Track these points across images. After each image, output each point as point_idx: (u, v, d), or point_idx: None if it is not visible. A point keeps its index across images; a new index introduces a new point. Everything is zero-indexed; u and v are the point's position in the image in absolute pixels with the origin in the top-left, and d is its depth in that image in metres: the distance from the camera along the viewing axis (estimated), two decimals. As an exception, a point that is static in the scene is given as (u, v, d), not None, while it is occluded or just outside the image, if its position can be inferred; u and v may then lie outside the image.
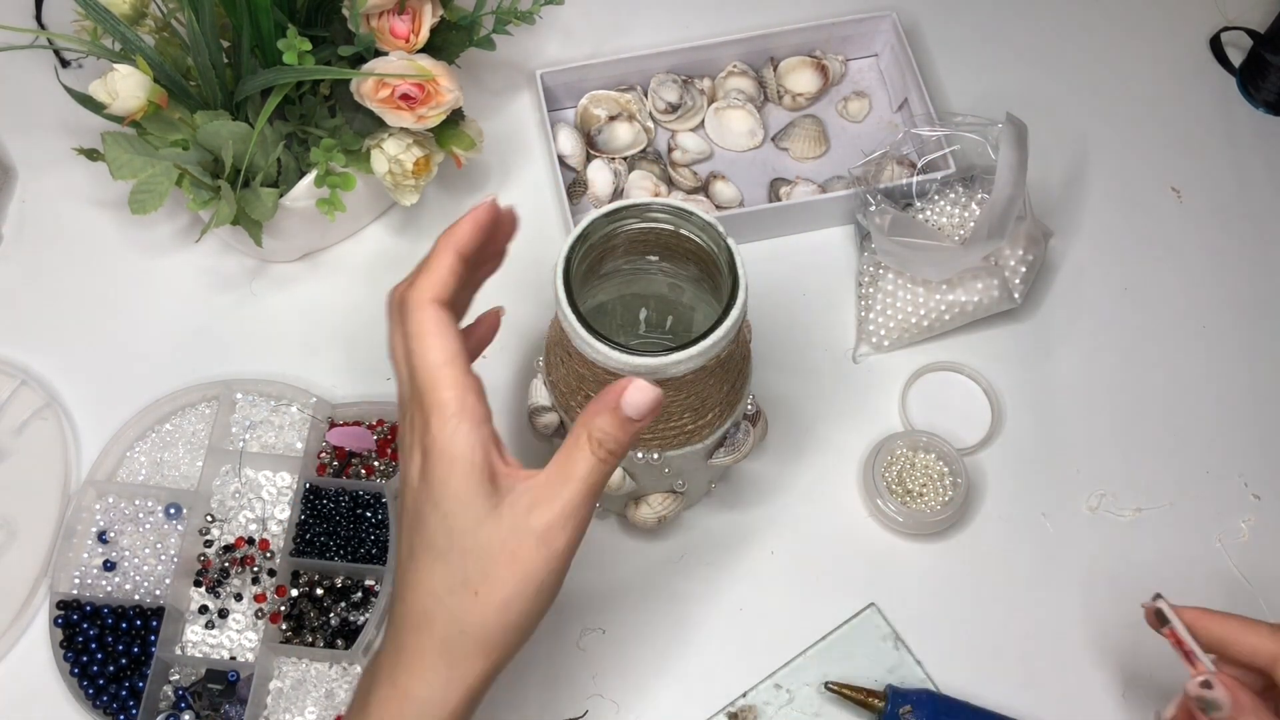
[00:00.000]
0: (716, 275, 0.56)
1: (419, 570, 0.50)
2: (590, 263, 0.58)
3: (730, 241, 0.55)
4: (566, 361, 0.58)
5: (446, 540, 0.49)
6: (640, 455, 0.59)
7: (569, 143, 0.80)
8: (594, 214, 0.56)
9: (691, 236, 0.57)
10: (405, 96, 0.68)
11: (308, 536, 0.69)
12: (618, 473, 0.61)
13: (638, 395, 0.48)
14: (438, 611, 0.49)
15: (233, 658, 0.67)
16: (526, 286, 0.65)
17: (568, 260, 0.55)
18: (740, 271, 0.55)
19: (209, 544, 0.70)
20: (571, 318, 0.53)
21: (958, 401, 0.75)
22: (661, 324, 0.66)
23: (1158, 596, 0.56)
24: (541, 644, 0.68)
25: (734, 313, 0.54)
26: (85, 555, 0.69)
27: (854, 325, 0.77)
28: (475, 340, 0.57)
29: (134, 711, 0.65)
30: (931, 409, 0.74)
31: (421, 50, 0.71)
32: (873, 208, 0.75)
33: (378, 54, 0.71)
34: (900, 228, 0.74)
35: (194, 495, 0.70)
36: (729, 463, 0.63)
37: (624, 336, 0.64)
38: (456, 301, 0.52)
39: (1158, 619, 0.56)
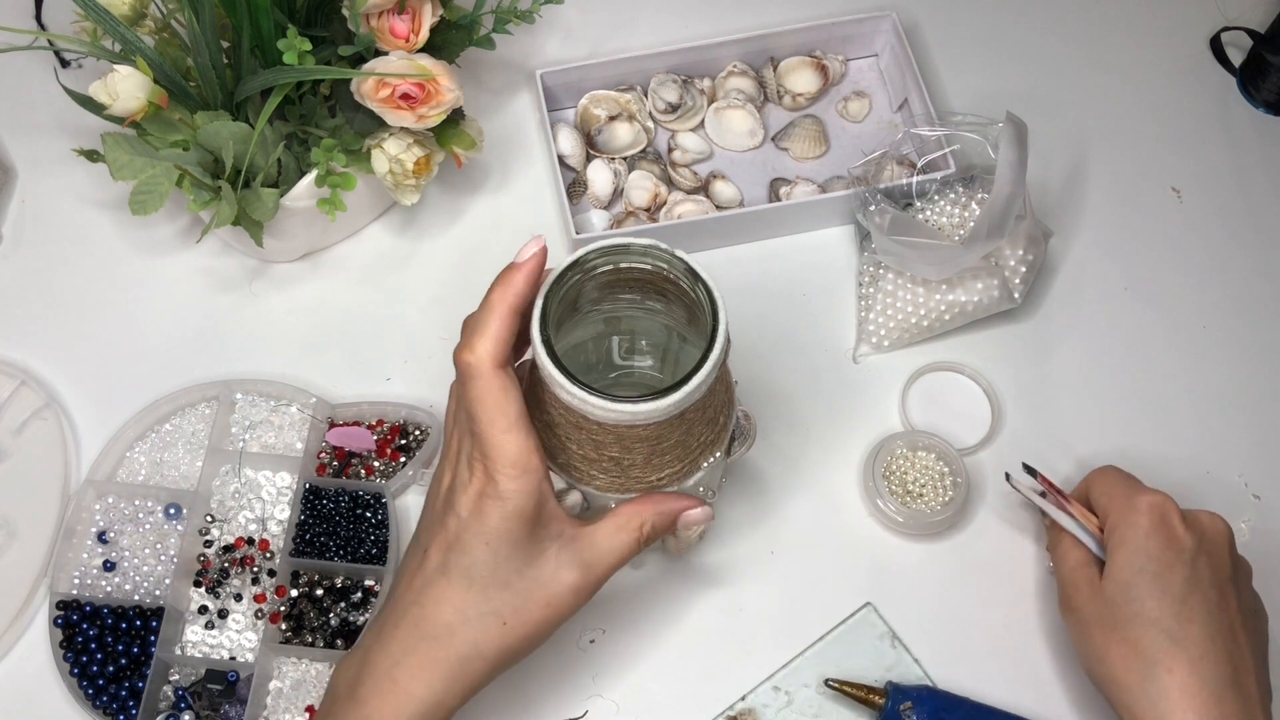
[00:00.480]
0: (696, 309, 0.54)
1: (451, 588, 0.53)
2: (567, 302, 0.55)
3: (707, 279, 0.53)
4: (541, 405, 0.55)
5: (489, 573, 0.53)
6: (596, 492, 0.58)
7: (569, 142, 0.80)
8: (569, 259, 0.53)
9: (668, 275, 0.55)
10: (405, 96, 0.68)
11: (307, 537, 0.69)
12: (575, 496, 0.59)
13: (697, 515, 0.57)
14: (461, 630, 0.53)
15: (233, 658, 0.67)
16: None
17: (544, 308, 0.52)
18: (720, 314, 0.52)
19: (209, 544, 0.70)
20: (550, 368, 0.51)
21: (958, 401, 0.75)
22: (644, 352, 0.64)
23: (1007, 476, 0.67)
24: (542, 645, 0.68)
25: (714, 354, 0.51)
26: (85, 555, 0.69)
27: (854, 325, 0.77)
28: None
29: (134, 712, 0.65)
30: (932, 409, 0.74)
31: (421, 50, 0.71)
32: (872, 207, 0.75)
33: (378, 54, 0.71)
34: (900, 227, 0.74)
35: (194, 495, 0.70)
36: (744, 452, 0.62)
37: (602, 369, 0.63)
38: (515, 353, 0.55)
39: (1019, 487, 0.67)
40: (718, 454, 0.59)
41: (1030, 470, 0.68)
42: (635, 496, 0.57)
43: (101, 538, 0.70)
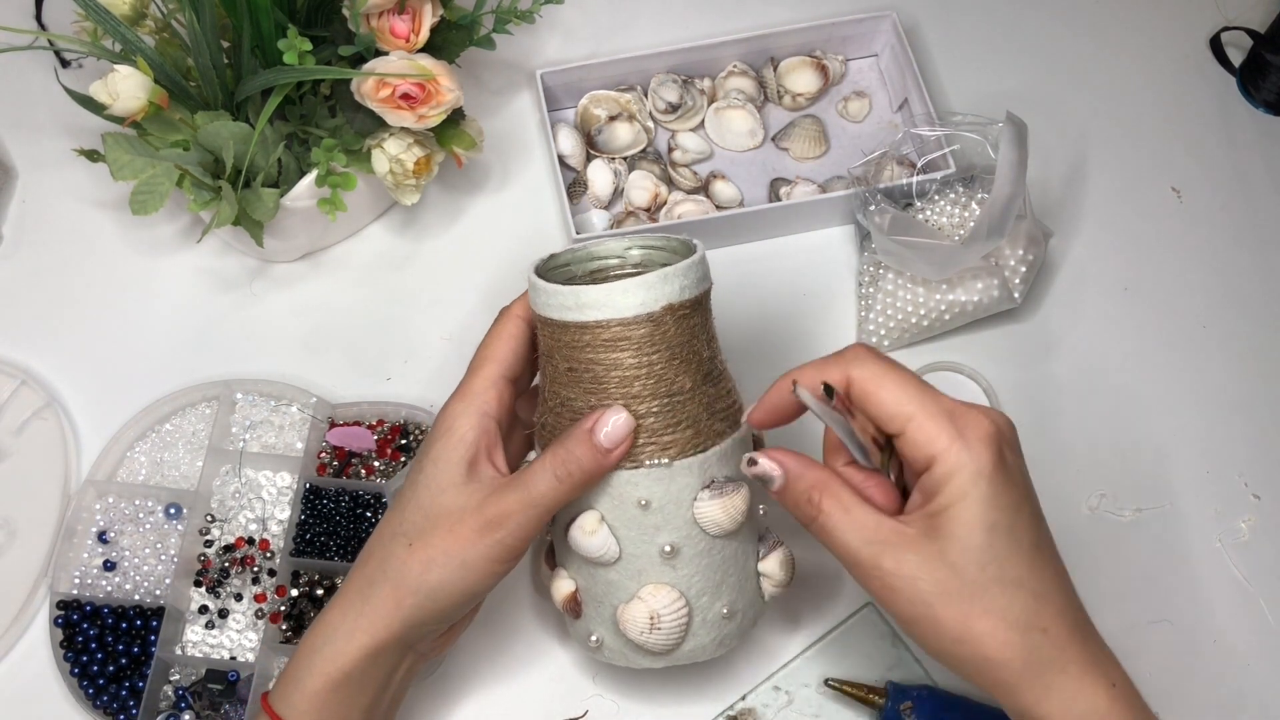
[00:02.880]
0: None
1: (388, 516, 0.55)
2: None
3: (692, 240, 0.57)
4: (551, 368, 0.56)
5: (412, 494, 0.54)
6: (650, 462, 0.54)
7: (569, 142, 0.80)
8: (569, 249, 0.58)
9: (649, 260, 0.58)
10: (406, 96, 0.68)
11: (308, 536, 0.69)
12: (594, 516, 0.55)
13: (611, 423, 0.52)
14: (375, 550, 0.55)
15: (233, 658, 0.67)
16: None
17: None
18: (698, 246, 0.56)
19: (209, 544, 0.70)
20: (541, 282, 0.55)
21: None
22: None
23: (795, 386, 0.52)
24: (543, 644, 0.68)
25: (696, 254, 0.55)
26: (85, 555, 0.69)
27: (854, 325, 0.77)
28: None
29: (134, 711, 0.65)
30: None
31: (422, 50, 0.71)
32: (872, 207, 0.75)
33: (378, 54, 0.71)
34: (900, 227, 0.74)
35: (194, 495, 0.70)
36: (718, 514, 0.55)
37: None
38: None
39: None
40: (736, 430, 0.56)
41: (829, 390, 0.52)
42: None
43: (102, 538, 0.70)
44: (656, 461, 0.54)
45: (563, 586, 0.58)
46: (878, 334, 0.75)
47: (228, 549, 0.69)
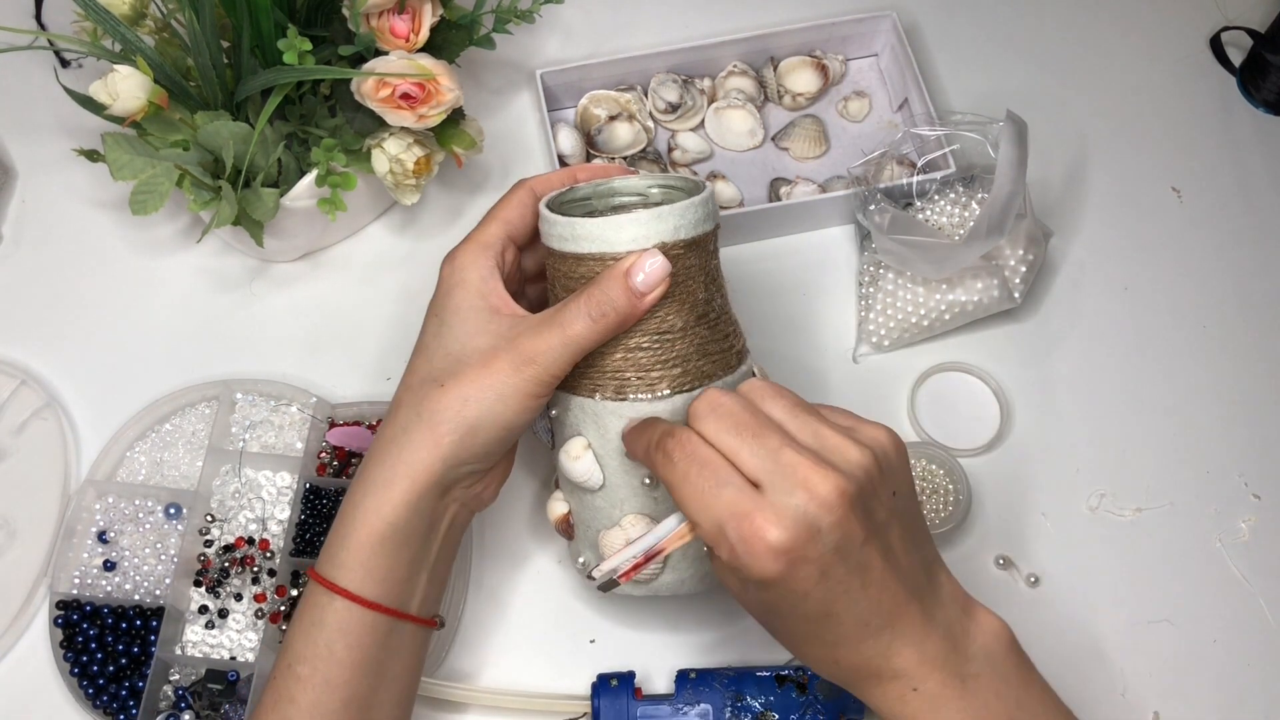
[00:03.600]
0: None
1: (407, 369, 0.56)
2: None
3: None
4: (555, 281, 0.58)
5: (435, 341, 0.55)
6: (634, 397, 0.55)
7: (569, 142, 0.80)
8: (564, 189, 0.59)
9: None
10: (406, 96, 0.68)
11: (308, 536, 0.69)
12: (580, 442, 0.57)
13: (650, 266, 0.52)
14: (405, 399, 0.55)
15: (233, 658, 0.67)
16: (526, 286, 0.65)
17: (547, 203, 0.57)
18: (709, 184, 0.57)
19: (209, 544, 0.70)
20: (545, 210, 0.56)
21: (962, 403, 0.75)
22: None
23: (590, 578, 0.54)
24: (542, 642, 0.68)
25: (701, 194, 0.55)
26: (85, 555, 0.69)
27: (854, 325, 0.77)
28: None
29: (134, 711, 0.65)
30: (937, 410, 0.74)
31: (421, 49, 0.71)
32: (872, 207, 0.75)
33: (378, 53, 0.71)
34: (900, 226, 0.74)
35: (194, 495, 0.70)
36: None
37: None
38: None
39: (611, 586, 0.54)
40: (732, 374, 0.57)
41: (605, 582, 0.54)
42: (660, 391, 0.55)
43: (102, 537, 0.70)
44: (641, 396, 0.55)
45: (557, 508, 0.61)
46: (878, 334, 0.75)
47: (228, 549, 0.69)
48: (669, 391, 0.55)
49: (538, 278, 0.62)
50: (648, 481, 0.56)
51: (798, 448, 0.48)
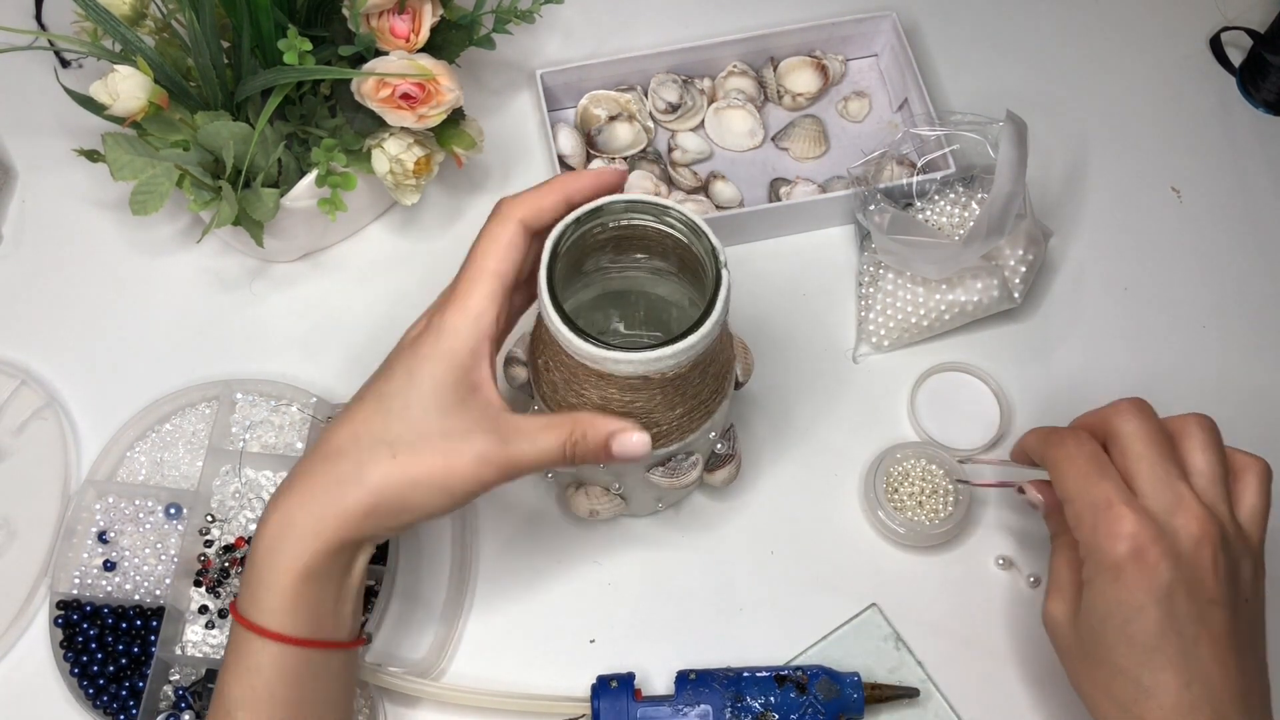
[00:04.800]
0: (696, 267, 0.56)
1: (359, 411, 0.53)
2: (576, 259, 0.58)
3: (714, 239, 0.55)
4: (544, 351, 0.58)
5: (400, 403, 0.51)
6: None
7: (569, 142, 0.80)
8: (575, 213, 0.55)
9: (674, 234, 0.56)
10: (406, 96, 0.68)
11: (308, 536, 0.69)
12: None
13: (630, 444, 0.53)
14: (350, 451, 0.52)
15: (233, 658, 0.67)
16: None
17: (552, 255, 0.54)
18: (723, 270, 0.54)
19: (209, 544, 0.70)
20: (551, 311, 0.53)
21: (962, 403, 0.75)
22: (651, 324, 0.66)
23: (960, 481, 0.68)
24: (542, 643, 0.68)
25: (712, 314, 0.53)
26: (85, 555, 0.69)
27: (854, 325, 0.77)
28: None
29: (134, 711, 0.65)
30: (937, 410, 0.74)
31: (422, 50, 0.71)
32: (872, 207, 0.75)
33: (378, 53, 0.71)
34: (899, 226, 0.74)
35: (194, 495, 0.70)
36: (664, 485, 0.62)
37: (609, 337, 0.64)
38: (520, 273, 0.55)
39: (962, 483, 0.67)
40: (675, 446, 0.60)
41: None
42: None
43: (102, 537, 0.70)
44: None
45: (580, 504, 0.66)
46: (877, 334, 0.75)
47: (228, 549, 0.69)
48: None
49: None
50: (617, 486, 0.63)
51: (1193, 486, 0.53)
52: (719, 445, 0.64)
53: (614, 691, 0.63)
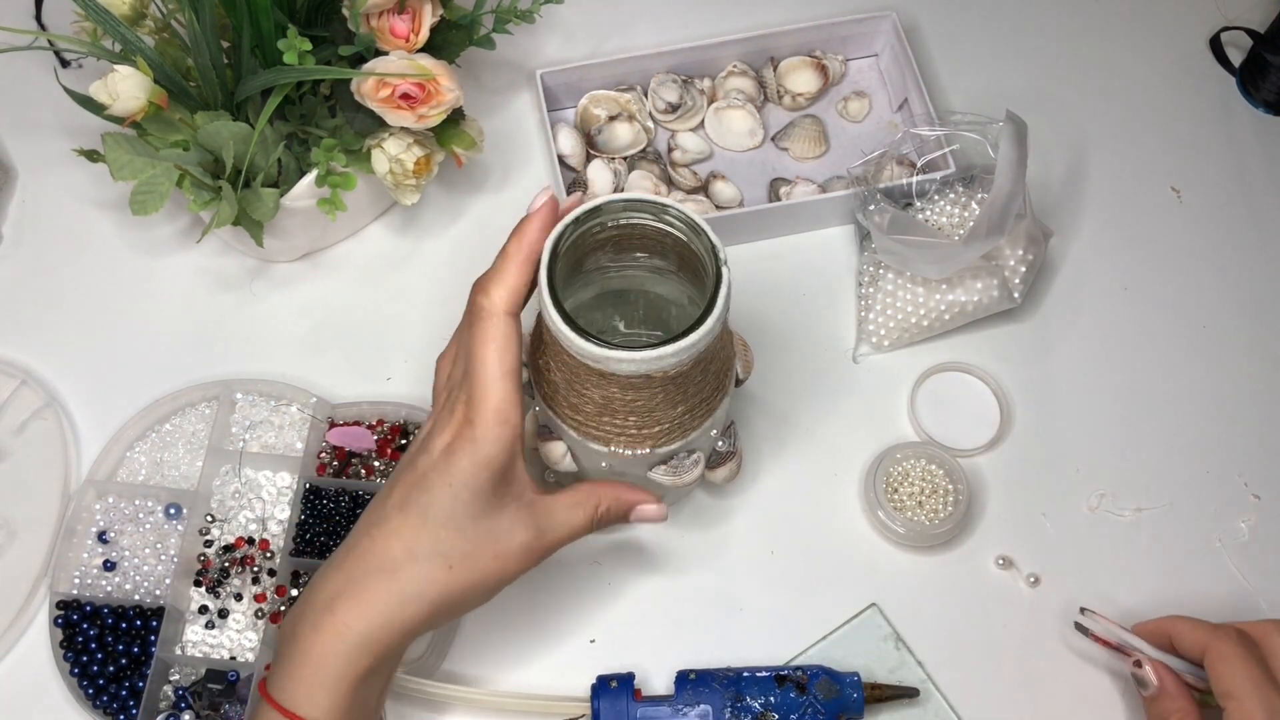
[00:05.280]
0: (696, 266, 0.56)
1: (405, 524, 0.53)
2: (576, 258, 0.58)
3: (713, 237, 0.55)
4: (545, 351, 0.58)
5: (445, 515, 0.53)
6: (618, 451, 0.59)
7: (569, 142, 0.80)
8: (574, 213, 0.55)
9: (673, 232, 0.56)
10: (406, 96, 0.68)
11: (308, 536, 0.69)
12: (561, 447, 0.62)
13: (651, 512, 0.60)
14: (407, 566, 0.53)
15: (233, 658, 0.67)
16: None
17: (552, 254, 0.54)
18: (723, 269, 0.54)
19: (209, 544, 0.70)
20: (553, 311, 0.53)
21: (962, 403, 0.75)
22: (650, 323, 0.66)
23: (1083, 611, 0.65)
24: (542, 642, 0.68)
25: (713, 312, 0.53)
26: (85, 555, 0.69)
27: (854, 325, 0.77)
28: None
29: (134, 712, 0.65)
30: (938, 409, 0.74)
31: (421, 50, 0.71)
32: (872, 207, 0.75)
33: (378, 53, 0.71)
34: (899, 226, 0.74)
35: (194, 495, 0.70)
36: (666, 484, 0.61)
37: (609, 335, 0.64)
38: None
39: (1081, 630, 0.65)
40: (677, 444, 0.60)
41: (1081, 623, 0.65)
42: (621, 457, 0.59)
43: (102, 537, 0.70)
44: (625, 451, 0.59)
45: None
46: (877, 334, 0.75)
47: (227, 549, 0.69)
48: (649, 446, 0.59)
49: None
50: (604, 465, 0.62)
51: None
52: (720, 443, 0.64)
53: (614, 692, 0.63)
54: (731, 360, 0.62)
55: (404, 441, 0.72)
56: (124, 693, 0.65)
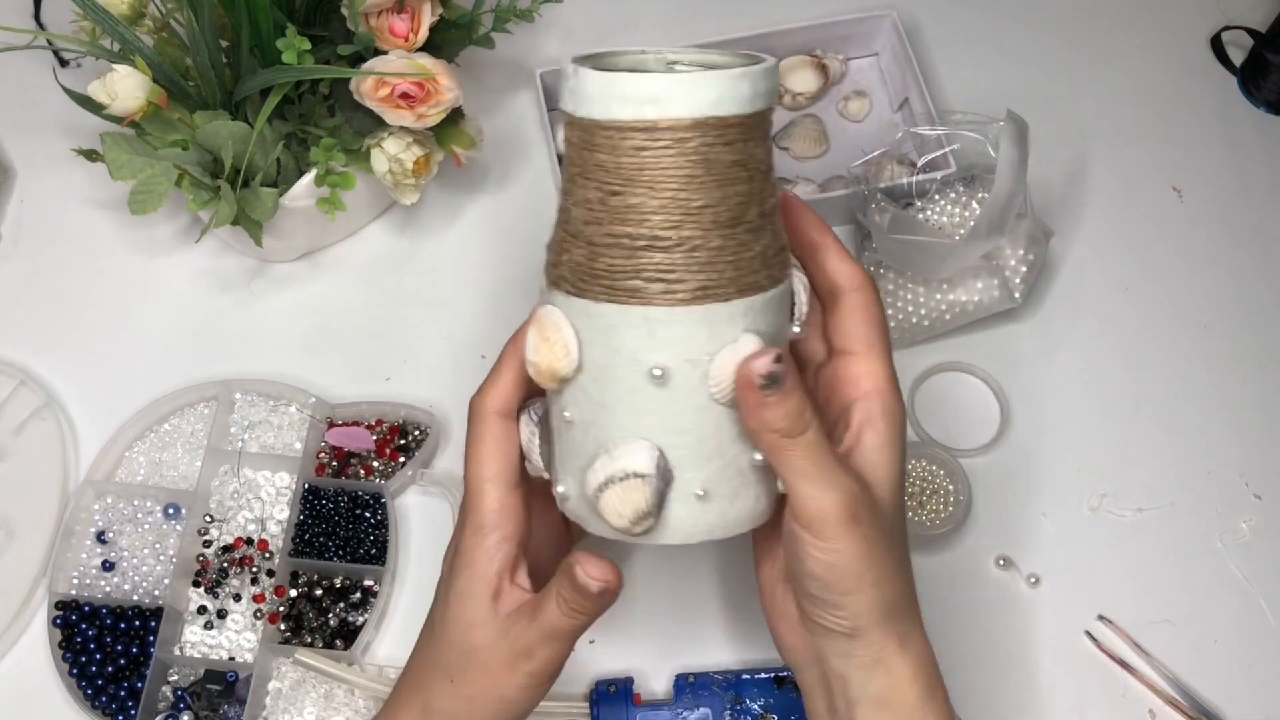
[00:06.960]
0: None
1: (421, 641, 0.55)
2: None
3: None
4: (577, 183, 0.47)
5: (443, 629, 0.54)
6: (610, 305, 0.46)
7: (569, 142, 0.80)
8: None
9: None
10: (405, 95, 0.68)
11: (306, 537, 0.69)
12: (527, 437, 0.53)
13: (592, 568, 0.49)
14: (418, 684, 0.55)
15: (231, 658, 0.67)
16: (528, 284, 0.65)
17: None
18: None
19: (208, 544, 0.70)
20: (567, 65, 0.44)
21: (962, 403, 0.74)
22: None
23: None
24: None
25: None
26: (84, 555, 0.69)
27: (854, 325, 0.77)
28: None
29: (133, 712, 0.65)
30: (935, 410, 0.74)
31: (421, 49, 0.71)
32: (873, 207, 0.75)
33: (377, 53, 0.70)
34: (900, 226, 0.74)
35: (193, 495, 0.70)
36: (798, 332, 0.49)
37: None
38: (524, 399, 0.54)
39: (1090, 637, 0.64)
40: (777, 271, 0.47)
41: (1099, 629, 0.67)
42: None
43: (100, 538, 0.70)
44: (658, 302, 0.45)
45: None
46: (878, 334, 0.75)
47: (226, 549, 0.69)
48: (699, 300, 0.45)
49: None
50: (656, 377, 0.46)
51: None
52: (796, 325, 0.49)
53: (613, 697, 0.63)
54: (782, 230, 0.48)
55: (402, 441, 0.72)
56: (123, 693, 0.65)
